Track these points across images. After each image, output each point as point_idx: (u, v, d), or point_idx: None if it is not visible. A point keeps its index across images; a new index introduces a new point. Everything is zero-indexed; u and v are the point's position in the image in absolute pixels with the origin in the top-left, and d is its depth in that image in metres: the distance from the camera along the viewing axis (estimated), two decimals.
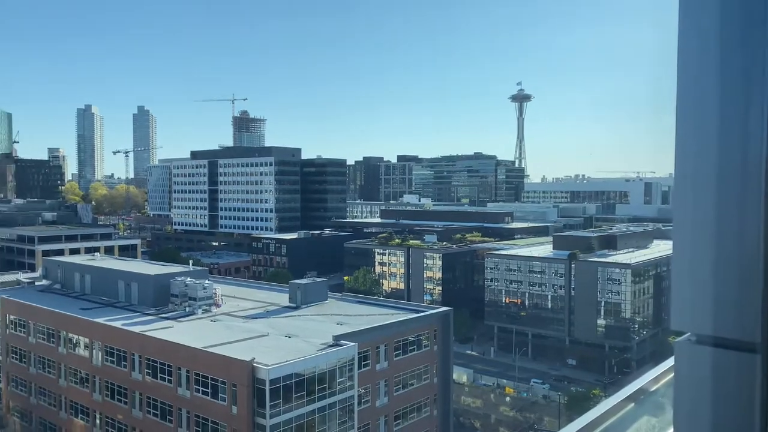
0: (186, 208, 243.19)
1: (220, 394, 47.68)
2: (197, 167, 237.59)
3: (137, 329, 57.18)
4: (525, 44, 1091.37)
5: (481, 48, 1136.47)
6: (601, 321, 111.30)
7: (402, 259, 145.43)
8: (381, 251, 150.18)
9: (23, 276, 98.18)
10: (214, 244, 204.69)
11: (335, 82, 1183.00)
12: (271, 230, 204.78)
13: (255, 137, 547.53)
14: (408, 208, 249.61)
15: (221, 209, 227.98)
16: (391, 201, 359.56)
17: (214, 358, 48.21)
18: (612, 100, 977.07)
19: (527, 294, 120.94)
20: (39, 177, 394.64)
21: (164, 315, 62.94)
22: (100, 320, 60.76)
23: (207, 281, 67.28)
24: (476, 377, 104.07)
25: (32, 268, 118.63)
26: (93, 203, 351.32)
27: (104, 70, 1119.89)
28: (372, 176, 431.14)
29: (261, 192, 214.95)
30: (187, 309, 64.16)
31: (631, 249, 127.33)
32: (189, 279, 66.34)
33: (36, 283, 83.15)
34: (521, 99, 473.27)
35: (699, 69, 1.97)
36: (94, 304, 69.06)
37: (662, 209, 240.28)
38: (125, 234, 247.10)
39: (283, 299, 69.29)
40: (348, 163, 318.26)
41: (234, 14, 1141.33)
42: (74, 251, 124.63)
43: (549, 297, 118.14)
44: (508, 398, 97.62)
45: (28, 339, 69.31)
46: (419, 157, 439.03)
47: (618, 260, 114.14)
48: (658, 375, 4.44)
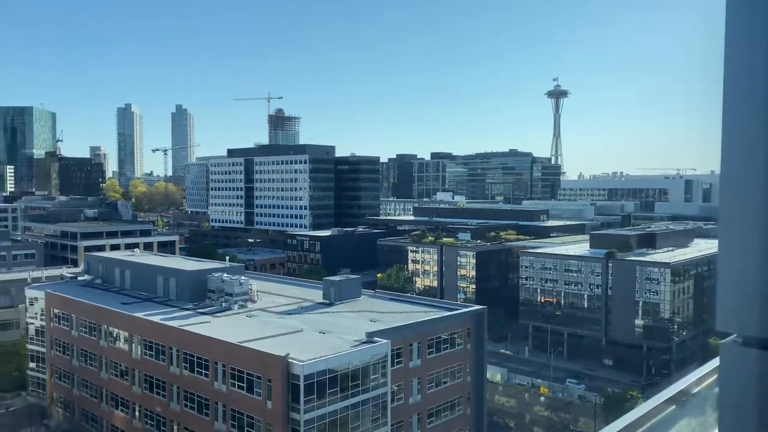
0: (223, 205, 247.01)
1: (255, 389, 48.25)
2: (234, 165, 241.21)
3: (175, 324, 58.31)
4: (562, 39, 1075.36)
5: (517, 43, 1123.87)
6: (639, 321, 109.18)
7: (435, 257, 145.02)
8: (414, 249, 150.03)
9: (66, 271, 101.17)
10: (250, 241, 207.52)
11: (369, 81, 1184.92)
12: (306, 227, 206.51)
13: (290, 135, 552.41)
14: (441, 206, 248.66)
15: (257, 206, 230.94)
16: (425, 198, 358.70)
17: (250, 353, 48.82)
18: (652, 96, 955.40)
19: (563, 293, 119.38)
20: (81, 175, 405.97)
21: (201, 310, 64.10)
22: (140, 315, 62.18)
23: (243, 277, 68.29)
24: (510, 376, 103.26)
25: (75, 264, 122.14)
26: (133, 200, 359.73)
27: (144, 70, 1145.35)
28: (405, 174, 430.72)
29: (295, 189, 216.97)
30: (224, 304, 65.22)
31: (671, 248, 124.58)
32: (225, 275, 67.45)
33: (78, 278, 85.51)
34: (557, 95, 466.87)
35: (747, 64, 1.92)
36: (134, 299, 70.80)
37: (704, 207, 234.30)
38: (164, 230, 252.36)
39: (317, 296, 69.88)
40: (381, 161, 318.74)
41: (270, 15, 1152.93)
42: (115, 247, 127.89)
43: (585, 296, 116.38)
44: (543, 398, 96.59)
45: (71, 332, 71.38)
46: (453, 155, 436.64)
47: (657, 259, 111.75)
48: (701, 377, 4.34)
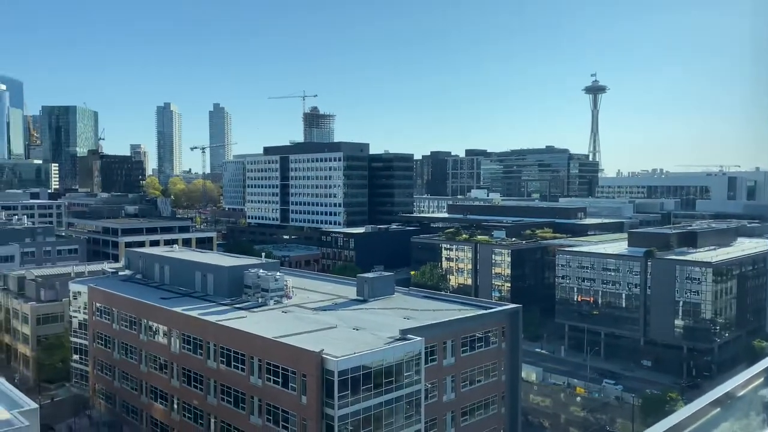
0: (259, 202, 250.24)
1: (291, 384, 48.76)
2: (269, 162, 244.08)
3: (212, 319, 59.32)
4: (600, 34, 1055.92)
5: (554, 39, 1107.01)
6: (679, 321, 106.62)
7: (470, 255, 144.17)
8: (448, 246, 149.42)
9: (107, 266, 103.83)
10: (285, 238, 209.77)
11: (404, 79, 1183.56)
12: (340, 224, 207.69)
13: (324, 133, 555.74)
14: (476, 203, 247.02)
15: (292, 203, 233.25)
16: (459, 196, 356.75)
17: (285, 349, 49.34)
18: (694, 91, 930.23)
19: (600, 292, 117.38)
20: (122, 172, 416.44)
21: (238, 305, 65.07)
22: (178, 309, 63.42)
23: (278, 273, 69.06)
24: (546, 376, 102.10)
25: (116, 259, 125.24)
26: (172, 197, 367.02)
27: (182, 70, 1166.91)
28: (439, 171, 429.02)
29: (330, 187, 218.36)
30: (260, 300, 66.10)
31: (713, 247, 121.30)
32: (261, 271, 68.32)
33: (119, 273, 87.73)
34: (595, 90, 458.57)
35: None
36: (173, 294, 72.25)
37: (748, 205, 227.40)
38: (202, 227, 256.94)
39: (351, 292, 70.22)
40: (415, 158, 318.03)
41: (305, 15, 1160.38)
42: (154, 243, 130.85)
43: (623, 295, 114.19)
44: (579, 398, 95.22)
45: (113, 326, 73.30)
46: (488, 152, 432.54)
47: (698, 258, 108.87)
48: (746, 380, 4.20)
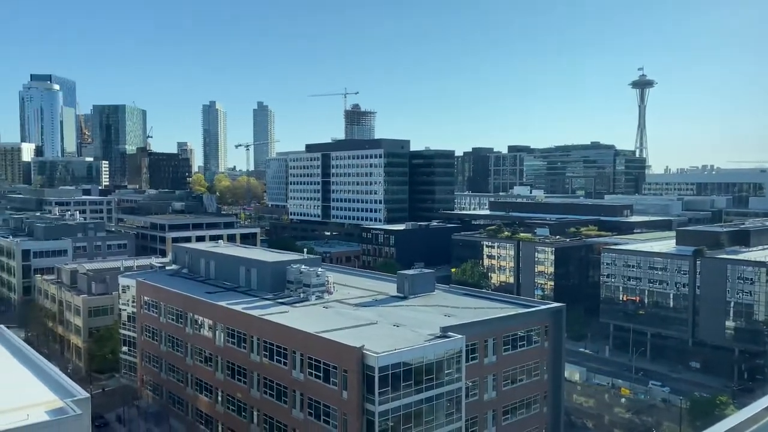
0: (301, 199, 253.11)
1: (332, 379, 49.19)
2: (311, 160, 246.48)
3: (256, 313, 60.31)
4: (648, 28, 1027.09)
5: (600, 34, 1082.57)
6: (730, 323, 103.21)
7: (512, 253, 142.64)
8: (489, 244, 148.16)
9: (155, 260, 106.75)
10: (327, 234, 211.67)
11: (445, 75, 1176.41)
12: (380, 221, 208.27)
13: (365, 130, 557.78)
14: (518, 200, 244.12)
15: (333, 200, 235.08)
16: (501, 193, 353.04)
17: (327, 344, 49.82)
18: (747, 86, 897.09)
19: (647, 291, 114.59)
20: (169, 169, 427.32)
21: (281, 300, 66.04)
22: (223, 303, 64.70)
23: (320, 269, 69.79)
24: (589, 376, 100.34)
25: (163, 254, 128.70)
26: (217, 194, 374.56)
27: (227, 69, 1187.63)
28: (481, 167, 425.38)
29: (370, 183, 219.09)
30: (302, 295, 66.94)
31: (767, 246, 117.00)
32: (303, 266, 69.22)
33: (166, 268, 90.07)
34: (643, 85, 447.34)
35: None
36: (218, 288, 73.83)
37: None
38: (246, 223, 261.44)
39: (391, 289, 70.39)
40: (456, 155, 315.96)
41: (346, 14, 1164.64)
42: (200, 238, 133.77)
43: (671, 295, 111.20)
44: (624, 399, 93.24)
45: (160, 319, 75.32)
46: (531, 148, 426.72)
47: (751, 257, 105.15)
48: None
